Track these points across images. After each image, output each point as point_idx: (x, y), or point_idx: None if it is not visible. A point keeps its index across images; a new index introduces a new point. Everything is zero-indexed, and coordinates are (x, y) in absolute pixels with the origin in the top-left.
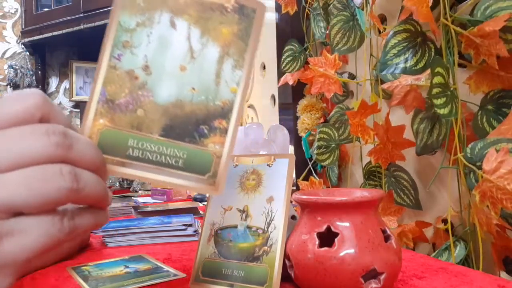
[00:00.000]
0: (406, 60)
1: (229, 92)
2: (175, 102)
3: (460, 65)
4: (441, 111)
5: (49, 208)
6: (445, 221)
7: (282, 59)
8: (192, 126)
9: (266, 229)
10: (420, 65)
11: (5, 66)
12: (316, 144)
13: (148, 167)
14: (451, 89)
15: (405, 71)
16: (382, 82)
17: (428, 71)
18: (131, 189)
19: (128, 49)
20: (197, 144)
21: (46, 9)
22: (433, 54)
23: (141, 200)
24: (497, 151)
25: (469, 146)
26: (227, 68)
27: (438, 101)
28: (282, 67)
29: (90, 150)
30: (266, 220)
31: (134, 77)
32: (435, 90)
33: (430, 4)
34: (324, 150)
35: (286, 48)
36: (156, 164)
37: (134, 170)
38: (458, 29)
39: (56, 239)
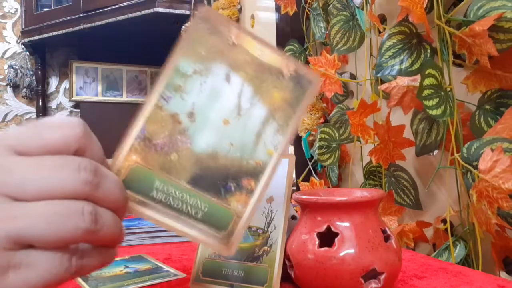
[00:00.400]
0: (401, 62)
1: (265, 154)
2: (210, 153)
3: (458, 65)
4: (433, 112)
5: (61, 245)
6: (444, 221)
7: None
8: (220, 180)
9: (266, 229)
10: (416, 66)
11: (5, 66)
12: (317, 144)
13: (167, 213)
14: (446, 89)
15: (400, 72)
16: (382, 82)
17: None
18: None
19: (178, 93)
20: (221, 200)
21: (46, 9)
22: (428, 55)
23: None
24: (493, 150)
25: (465, 146)
26: (269, 131)
27: (429, 103)
28: None
29: (115, 190)
30: (266, 220)
31: (178, 122)
32: (426, 92)
33: (425, 5)
34: (325, 150)
35: (287, 48)
36: (176, 211)
37: (153, 212)
38: (451, 29)
39: (61, 278)
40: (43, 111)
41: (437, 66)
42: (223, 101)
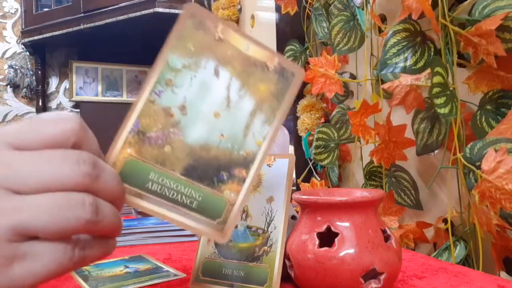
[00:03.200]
0: (405, 60)
1: (254, 144)
2: (203, 144)
3: (459, 65)
4: (441, 111)
5: (64, 236)
6: (445, 221)
7: None
8: (213, 170)
9: (266, 229)
10: (420, 64)
11: (5, 66)
12: (314, 144)
13: (163, 203)
14: (451, 89)
15: (404, 70)
16: (383, 81)
17: (428, 71)
18: None
19: (170, 87)
20: (214, 189)
21: (46, 9)
22: (432, 53)
23: None
24: (496, 151)
25: (468, 146)
26: (257, 122)
27: (438, 101)
28: None
29: (113, 182)
30: (266, 220)
31: (170, 115)
32: (435, 90)
33: (430, 3)
34: (322, 150)
35: (287, 48)
36: (171, 202)
37: (149, 203)
38: (457, 28)
39: (64, 268)
40: (43, 111)
41: (443, 65)
42: (213, 94)
